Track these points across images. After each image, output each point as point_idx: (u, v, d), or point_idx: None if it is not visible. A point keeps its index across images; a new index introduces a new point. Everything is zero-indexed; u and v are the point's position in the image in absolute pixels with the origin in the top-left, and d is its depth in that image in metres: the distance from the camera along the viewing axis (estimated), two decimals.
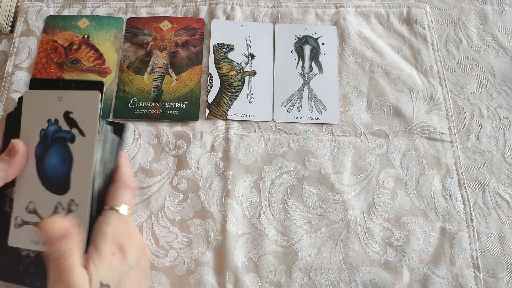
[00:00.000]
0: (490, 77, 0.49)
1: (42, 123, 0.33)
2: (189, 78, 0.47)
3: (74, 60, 0.48)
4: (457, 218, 0.42)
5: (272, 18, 0.51)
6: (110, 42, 0.49)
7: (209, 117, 0.46)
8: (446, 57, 0.50)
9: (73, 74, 0.47)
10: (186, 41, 0.49)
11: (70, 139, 0.32)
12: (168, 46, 0.49)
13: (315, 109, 0.46)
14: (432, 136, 0.45)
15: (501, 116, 0.47)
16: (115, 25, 0.50)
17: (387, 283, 0.39)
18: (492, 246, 0.41)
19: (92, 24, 0.50)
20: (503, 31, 0.52)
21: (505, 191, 0.43)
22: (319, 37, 0.50)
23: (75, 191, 0.31)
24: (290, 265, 0.39)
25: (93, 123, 0.31)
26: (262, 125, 0.46)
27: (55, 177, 0.32)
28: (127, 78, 0.47)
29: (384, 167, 0.44)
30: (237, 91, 0.47)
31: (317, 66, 0.49)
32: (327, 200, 0.42)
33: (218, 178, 0.43)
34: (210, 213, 0.41)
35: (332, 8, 0.52)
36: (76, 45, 0.49)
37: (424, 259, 0.40)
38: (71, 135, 0.32)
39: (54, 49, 0.48)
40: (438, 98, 0.47)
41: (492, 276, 0.40)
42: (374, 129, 0.46)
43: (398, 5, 0.52)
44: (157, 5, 0.51)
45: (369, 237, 0.41)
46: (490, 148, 0.45)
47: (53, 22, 0.50)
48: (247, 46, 0.49)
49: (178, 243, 0.40)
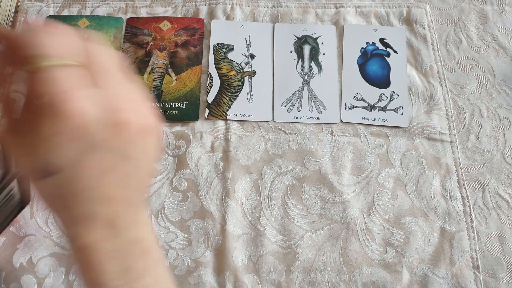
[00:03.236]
0: (490, 77, 0.49)
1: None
2: (189, 78, 0.47)
3: None
4: (457, 218, 0.42)
5: (272, 18, 0.51)
6: (109, 43, 0.49)
7: (209, 117, 0.46)
8: (446, 57, 0.50)
9: None
10: (186, 41, 0.49)
11: (386, 55, 0.47)
12: (168, 46, 0.49)
13: (315, 109, 0.46)
14: (432, 136, 0.45)
15: (501, 116, 0.47)
16: (115, 25, 0.50)
17: (387, 283, 0.39)
18: (492, 246, 0.41)
19: (92, 24, 0.50)
20: (503, 31, 0.52)
21: (505, 191, 0.43)
22: (318, 37, 0.50)
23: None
24: (290, 265, 0.39)
25: None
26: (262, 125, 0.46)
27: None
28: None
29: (384, 167, 0.44)
30: (237, 91, 0.47)
31: (317, 65, 0.49)
32: (327, 200, 0.42)
33: (218, 178, 0.43)
34: (209, 213, 0.41)
35: (332, 8, 0.52)
36: None
37: (424, 259, 0.40)
38: (386, 52, 0.47)
39: None
40: (438, 98, 0.47)
41: (492, 276, 0.40)
42: (374, 129, 0.46)
43: (398, 5, 0.52)
44: (157, 5, 0.51)
45: (369, 237, 0.41)
46: (490, 148, 0.45)
47: None
48: (247, 46, 0.49)
49: (177, 243, 0.40)
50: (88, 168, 0.22)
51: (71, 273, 0.38)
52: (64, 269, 0.38)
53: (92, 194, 0.23)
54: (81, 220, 0.23)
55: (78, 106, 0.21)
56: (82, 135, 0.21)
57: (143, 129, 0.24)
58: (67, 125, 0.21)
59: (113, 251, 0.24)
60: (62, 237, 0.39)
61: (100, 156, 0.22)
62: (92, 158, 0.22)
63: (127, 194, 0.24)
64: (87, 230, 0.23)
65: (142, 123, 0.23)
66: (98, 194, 0.23)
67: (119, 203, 0.24)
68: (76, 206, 0.23)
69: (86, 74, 0.23)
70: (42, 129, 0.21)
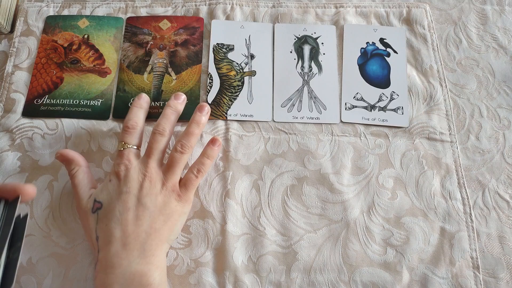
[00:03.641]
0: (490, 77, 0.49)
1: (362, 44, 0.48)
2: (189, 77, 0.47)
3: (74, 60, 0.48)
4: (457, 218, 0.42)
5: (272, 18, 0.51)
6: (110, 42, 0.49)
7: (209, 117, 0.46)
8: (446, 57, 0.50)
9: (73, 74, 0.47)
10: (186, 40, 0.49)
11: (386, 55, 0.47)
12: (168, 45, 0.49)
13: (315, 109, 0.46)
14: (432, 136, 0.45)
15: (501, 116, 0.47)
16: (115, 25, 0.50)
17: (386, 283, 0.39)
18: (492, 246, 0.41)
19: (92, 24, 0.50)
20: (503, 31, 0.52)
21: (505, 191, 0.43)
22: (318, 37, 0.50)
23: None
24: (290, 265, 0.39)
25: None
26: (261, 125, 0.46)
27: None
28: (127, 77, 0.47)
29: (384, 167, 0.44)
30: (237, 91, 0.47)
31: (317, 65, 0.49)
32: (326, 200, 0.42)
33: (218, 178, 0.43)
34: (209, 213, 0.41)
35: (332, 8, 0.52)
36: (76, 45, 0.49)
37: (424, 259, 0.40)
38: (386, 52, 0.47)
39: (54, 49, 0.48)
40: (438, 98, 0.47)
41: (492, 276, 0.40)
42: (374, 129, 0.46)
43: (398, 5, 0.52)
44: (157, 5, 0.51)
45: (368, 237, 0.41)
46: (490, 148, 0.45)
47: (53, 22, 0.50)
48: (247, 46, 0.49)
49: (177, 243, 0.40)
50: (118, 204, 0.36)
51: (71, 273, 0.38)
52: (64, 270, 0.38)
53: (115, 225, 0.35)
54: (104, 243, 0.35)
55: (126, 162, 0.38)
56: (121, 181, 0.37)
57: (154, 194, 0.37)
58: (115, 175, 0.38)
59: (118, 277, 0.33)
60: (62, 237, 0.40)
61: (125, 197, 0.36)
62: (122, 196, 0.36)
63: (136, 231, 0.35)
64: (108, 251, 0.34)
65: (154, 190, 0.37)
66: (119, 225, 0.35)
67: (130, 236, 0.35)
68: (106, 231, 0.35)
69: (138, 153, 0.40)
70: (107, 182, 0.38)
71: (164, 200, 0.37)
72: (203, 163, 0.40)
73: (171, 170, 0.38)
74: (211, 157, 0.41)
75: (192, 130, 0.40)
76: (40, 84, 0.46)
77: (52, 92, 0.46)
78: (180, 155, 0.39)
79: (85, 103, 0.46)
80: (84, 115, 0.45)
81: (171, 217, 0.37)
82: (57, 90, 0.46)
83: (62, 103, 0.46)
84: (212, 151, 0.41)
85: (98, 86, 0.47)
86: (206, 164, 0.40)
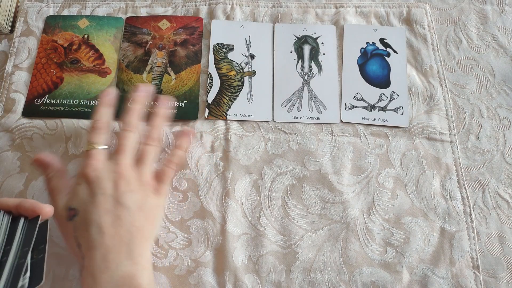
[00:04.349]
0: (490, 77, 0.49)
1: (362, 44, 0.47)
2: (188, 77, 0.47)
3: (74, 60, 0.48)
4: (457, 218, 0.42)
5: (272, 18, 0.51)
6: (110, 42, 0.49)
7: (209, 117, 0.46)
8: (446, 57, 0.50)
9: (73, 74, 0.47)
10: (185, 39, 0.49)
11: (386, 55, 0.46)
12: (167, 45, 0.49)
13: (315, 109, 0.46)
14: (432, 136, 0.45)
15: (501, 116, 0.47)
16: (115, 25, 0.50)
17: (386, 283, 0.39)
18: (492, 246, 0.41)
19: (92, 24, 0.50)
20: (503, 31, 0.52)
21: (505, 191, 0.43)
22: (318, 37, 0.50)
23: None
24: (290, 265, 0.39)
25: None
26: (262, 125, 0.46)
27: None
28: (126, 77, 0.47)
29: (384, 167, 0.44)
30: (237, 91, 0.47)
31: (317, 65, 0.49)
32: (326, 200, 0.42)
33: (218, 178, 0.43)
34: (209, 213, 0.41)
35: (332, 8, 0.52)
36: (76, 45, 0.49)
37: (424, 259, 0.40)
38: (386, 52, 0.47)
39: (54, 49, 0.48)
40: (438, 98, 0.47)
41: (492, 276, 0.40)
42: (374, 129, 0.46)
43: (398, 5, 0.52)
44: (157, 5, 0.51)
45: (368, 237, 0.41)
46: (490, 148, 0.45)
47: (53, 22, 0.50)
48: (247, 46, 0.49)
49: (177, 243, 0.40)
50: (94, 207, 0.34)
51: (71, 273, 0.38)
52: (64, 270, 0.38)
53: (96, 229, 0.33)
54: (88, 249, 0.33)
55: (94, 163, 0.36)
56: (93, 183, 0.35)
57: (130, 190, 0.36)
58: (84, 178, 0.36)
59: (108, 282, 0.32)
60: (62, 237, 0.40)
61: (101, 199, 0.34)
62: (97, 200, 0.34)
63: (119, 233, 0.34)
64: (93, 256, 0.33)
65: (130, 187, 0.36)
66: (99, 229, 0.33)
67: (114, 239, 0.33)
68: (86, 237, 0.34)
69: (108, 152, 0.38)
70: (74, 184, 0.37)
71: (142, 196, 0.36)
72: (178, 155, 0.40)
73: (143, 164, 0.38)
74: (184, 149, 0.41)
75: (156, 123, 0.40)
76: (40, 84, 0.46)
77: (52, 92, 0.46)
78: (149, 147, 0.38)
79: (85, 103, 0.46)
80: (84, 115, 0.45)
81: (151, 213, 0.36)
82: (57, 90, 0.46)
83: (62, 103, 0.46)
84: (185, 143, 0.42)
85: (98, 86, 0.47)
86: (180, 156, 0.40)
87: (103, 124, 0.38)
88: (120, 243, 0.34)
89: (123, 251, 0.33)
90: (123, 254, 0.33)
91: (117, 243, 0.33)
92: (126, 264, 0.33)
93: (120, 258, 0.33)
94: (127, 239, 0.34)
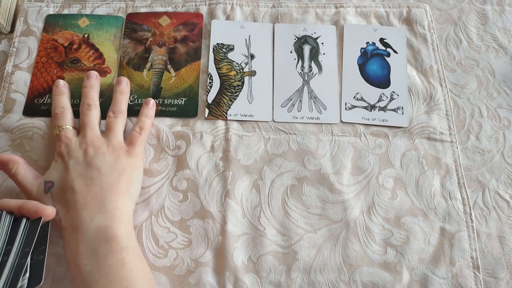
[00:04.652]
0: (490, 77, 0.49)
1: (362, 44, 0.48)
2: (188, 74, 0.47)
3: (74, 59, 0.48)
4: (457, 218, 0.42)
5: (272, 18, 0.51)
6: (110, 42, 0.49)
7: (209, 117, 0.46)
8: (446, 57, 0.50)
9: (73, 74, 0.47)
10: (185, 36, 0.49)
11: (386, 55, 0.47)
12: (167, 42, 0.49)
13: (315, 109, 0.46)
14: (432, 136, 0.45)
15: (501, 116, 0.47)
16: (115, 24, 0.50)
17: (386, 283, 0.39)
18: (492, 246, 0.41)
19: (92, 23, 0.50)
20: (503, 31, 0.52)
21: (505, 191, 0.43)
22: (318, 37, 0.50)
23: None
24: (290, 265, 0.39)
25: None
26: (262, 125, 0.46)
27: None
28: (126, 74, 0.47)
29: (384, 167, 0.44)
30: (237, 91, 0.47)
31: (317, 65, 0.49)
32: (326, 200, 0.42)
33: (218, 178, 0.43)
34: (209, 213, 0.41)
35: (332, 8, 0.52)
36: (76, 45, 0.49)
37: (424, 259, 0.40)
38: (386, 52, 0.47)
39: (54, 48, 0.48)
40: (438, 98, 0.47)
41: (492, 276, 0.40)
42: (374, 129, 0.46)
43: (398, 5, 0.52)
44: (157, 5, 0.51)
45: (368, 237, 0.41)
46: (490, 148, 0.45)
47: (53, 21, 0.50)
48: (247, 46, 0.49)
49: (177, 243, 0.40)
50: (68, 174, 0.37)
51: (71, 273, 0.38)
52: (64, 269, 0.38)
53: (70, 192, 0.36)
54: (64, 212, 0.36)
55: (65, 141, 0.40)
56: (65, 157, 0.39)
57: (101, 153, 0.39)
58: (59, 156, 0.39)
59: (83, 235, 0.34)
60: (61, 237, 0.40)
61: (74, 167, 0.38)
62: (70, 168, 0.38)
63: (92, 190, 0.37)
64: (69, 215, 0.36)
65: (100, 151, 0.39)
66: (73, 191, 0.36)
67: (87, 197, 0.36)
68: (63, 202, 0.37)
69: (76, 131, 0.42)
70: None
71: (113, 157, 0.39)
72: (143, 121, 0.43)
73: (111, 132, 0.41)
74: (149, 116, 0.44)
75: (119, 98, 0.44)
76: (40, 83, 0.46)
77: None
78: (114, 119, 0.42)
79: None
80: None
81: (124, 171, 0.39)
82: None
83: None
84: (148, 110, 0.44)
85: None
86: (146, 122, 0.43)
87: (61, 109, 0.42)
88: (94, 199, 0.36)
89: (97, 205, 0.36)
90: (97, 209, 0.36)
91: (90, 199, 0.36)
92: (100, 217, 0.35)
93: (94, 212, 0.35)
94: (100, 195, 0.36)
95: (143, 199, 0.42)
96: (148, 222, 0.41)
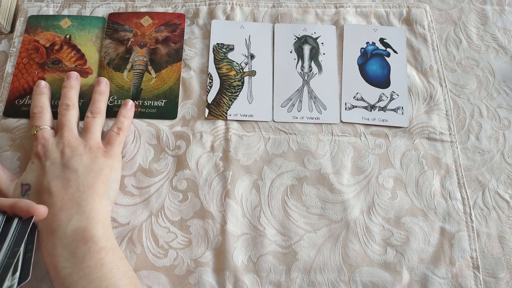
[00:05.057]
0: (490, 77, 0.49)
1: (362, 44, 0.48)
2: (168, 75, 0.47)
3: (55, 60, 0.47)
4: (457, 218, 0.42)
5: (272, 18, 0.51)
6: (91, 42, 0.49)
7: (209, 117, 0.46)
8: (446, 57, 0.50)
9: (55, 75, 0.47)
10: (167, 37, 0.49)
11: (386, 54, 0.47)
12: (149, 42, 0.49)
13: (315, 109, 0.46)
14: (432, 136, 0.45)
15: (501, 116, 0.47)
16: (97, 25, 0.50)
17: (386, 283, 0.39)
18: (492, 246, 0.41)
19: (74, 24, 0.50)
20: (503, 31, 0.52)
21: (505, 191, 0.43)
22: (318, 37, 0.50)
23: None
24: (290, 265, 0.39)
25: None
26: (261, 125, 0.46)
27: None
28: (107, 75, 0.47)
29: (384, 167, 0.44)
30: (237, 91, 0.47)
31: (317, 65, 0.49)
32: (326, 200, 0.42)
33: (218, 178, 0.43)
34: (209, 213, 0.41)
35: (332, 8, 0.52)
36: (58, 46, 0.48)
37: (424, 259, 0.40)
38: (386, 52, 0.47)
39: (35, 49, 0.48)
40: (438, 98, 0.47)
41: (492, 276, 0.40)
42: (374, 129, 0.46)
43: (398, 5, 0.52)
44: (157, 5, 0.51)
45: (368, 237, 0.41)
46: (490, 148, 0.45)
47: (35, 22, 0.49)
48: (247, 46, 0.49)
49: (177, 243, 0.40)
50: (45, 176, 0.37)
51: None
52: None
53: (47, 195, 0.36)
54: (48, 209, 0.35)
55: (42, 141, 0.40)
56: (42, 157, 0.38)
57: (78, 154, 0.38)
58: (35, 156, 0.39)
59: (61, 238, 0.34)
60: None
61: (50, 168, 0.37)
62: (47, 169, 0.37)
63: (69, 192, 0.36)
64: (46, 218, 0.34)
65: (77, 152, 0.39)
66: (50, 193, 0.36)
67: (64, 199, 0.36)
68: (42, 202, 0.36)
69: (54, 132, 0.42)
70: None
71: (91, 157, 0.39)
72: (121, 121, 0.43)
73: (88, 132, 0.41)
74: (127, 116, 0.44)
75: (97, 98, 0.44)
76: (21, 84, 0.46)
77: None
78: (92, 119, 0.42)
79: None
80: None
81: (102, 172, 0.38)
82: None
83: None
84: (127, 111, 0.44)
85: (80, 87, 0.46)
86: (124, 122, 0.43)
87: (40, 109, 0.42)
88: (71, 201, 0.36)
89: (74, 207, 0.36)
90: (74, 210, 0.36)
91: (67, 201, 0.36)
92: (77, 218, 0.35)
93: (71, 214, 0.35)
94: (77, 197, 0.36)
95: (143, 199, 0.42)
96: (148, 222, 0.41)
